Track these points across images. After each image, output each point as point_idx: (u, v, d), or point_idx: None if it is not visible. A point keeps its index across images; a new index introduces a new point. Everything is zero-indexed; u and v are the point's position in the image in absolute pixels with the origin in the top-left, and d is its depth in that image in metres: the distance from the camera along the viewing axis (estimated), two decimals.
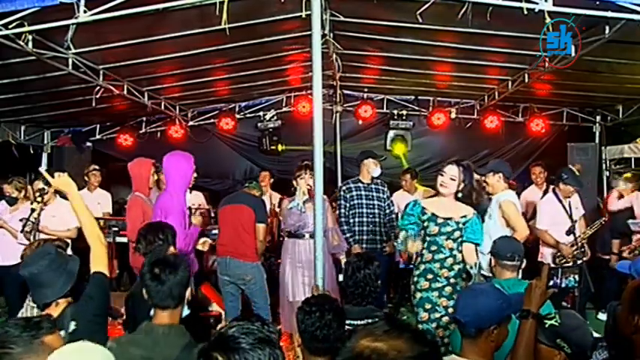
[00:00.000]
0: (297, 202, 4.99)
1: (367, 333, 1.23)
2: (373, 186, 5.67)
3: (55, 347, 1.84)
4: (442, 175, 3.90)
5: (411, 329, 1.27)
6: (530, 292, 2.21)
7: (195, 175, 4.37)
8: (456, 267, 3.92)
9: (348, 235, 5.50)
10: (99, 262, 2.65)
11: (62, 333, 2.12)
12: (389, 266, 5.76)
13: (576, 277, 2.23)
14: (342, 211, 5.62)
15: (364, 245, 5.53)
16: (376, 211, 5.60)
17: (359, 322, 2.99)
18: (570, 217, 5.14)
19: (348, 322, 2.93)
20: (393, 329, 1.23)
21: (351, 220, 5.59)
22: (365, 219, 5.58)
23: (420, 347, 1.20)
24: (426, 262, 3.88)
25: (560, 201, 5.23)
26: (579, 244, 5.09)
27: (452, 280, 3.86)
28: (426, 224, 3.87)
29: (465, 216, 3.91)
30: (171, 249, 3.26)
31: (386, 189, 5.79)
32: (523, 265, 3.59)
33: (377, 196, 5.65)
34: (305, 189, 4.93)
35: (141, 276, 2.41)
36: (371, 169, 5.64)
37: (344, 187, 5.72)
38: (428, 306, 3.79)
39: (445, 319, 3.68)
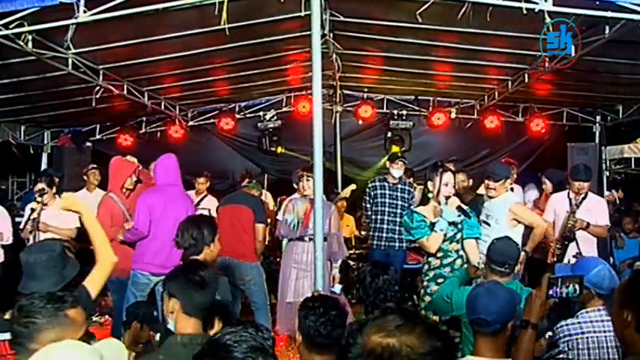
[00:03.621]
0: (292, 216, 4.99)
1: (379, 328, 1.18)
2: (399, 186, 5.77)
3: (77, 321, 1.92)
4: (445, 185, 3.95)
5: (424, 322, 1.23)
6: (530, 303, 2.21)
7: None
8: (465, 266, 3.95)
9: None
10: (95, 281, 2.63)
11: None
12: (402, 262, 5.87)
13: (577, 286, 2.19)
14: (365, 204, 5.91)
15: (383, 242, 5.67)
16: (398, 210, 5.68)
17: None
18: (571, 213, 5.04)
19: None
20: (406, 323, 1.19)
21: (373, 217, 5.78)
22: (386, 217, 5.71)
23: (432, 342, 1.16)
24: (435, 269, 3.92)
25: (569, 197, 5.19)
26: (558, 242, 4.99)
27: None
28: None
29: (460, 215, 3.96)
30: (206, 249, 3.16)
31: (412, 189, 5.90)
32: (516, 270, 3.56)
33: (401, 196, 5.76)
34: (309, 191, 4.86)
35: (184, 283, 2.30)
36: (392, 170, 5.77)
37: (370, 185, 5.87)
38: None
39: None
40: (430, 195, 4.03)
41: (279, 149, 8.57)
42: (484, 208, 4.69)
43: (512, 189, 5.62)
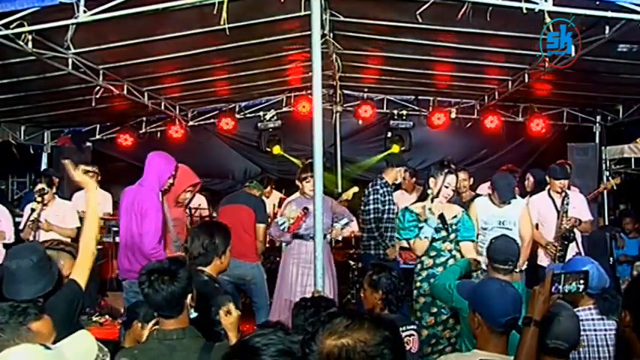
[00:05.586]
0: (284, 219, 4.88)
1: (330, 332, 1.26)
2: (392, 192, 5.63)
3: (42, 333, 1.88)
4: (446, 187, 3.92)
5: (368, 317, 1.32)
6: (533, 299, 2.20)
7: (170, 180, 4.12)
8: None
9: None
10: (80, 270, 2.60)
11: None
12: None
13: (580, 284, 2.14)
14: (374, 204, 5.41)
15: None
16: (393, 216, 5.43)
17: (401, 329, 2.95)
18: (558, 212, 5.04)
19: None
20: (354, 321, 1.28)
21: (383, 217, 5.42)
22: (389, 224, 5.45)
23: (382, 332, 1.26)
24: (428, 268, 3.90)
25: (551, 196, 5.18)
26: (558, 243, 4.98)
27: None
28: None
29: (455, 216, 3.96)
30: (216, 261, 2.94)
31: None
32: (519, 267, 3.57)
33: (394, 202, 5.58)
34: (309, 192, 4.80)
35: (139, 284, 2.29)
36: (398, 177, 5.62)
37: (386, 188, 5.48)
38: (433, 310, 3.79)
39: (452, 320, 3.68)
40: (429, 192, 4.01)
41: (276, 150, 8.57)
42: (492, 216, 4.66)
43: None
